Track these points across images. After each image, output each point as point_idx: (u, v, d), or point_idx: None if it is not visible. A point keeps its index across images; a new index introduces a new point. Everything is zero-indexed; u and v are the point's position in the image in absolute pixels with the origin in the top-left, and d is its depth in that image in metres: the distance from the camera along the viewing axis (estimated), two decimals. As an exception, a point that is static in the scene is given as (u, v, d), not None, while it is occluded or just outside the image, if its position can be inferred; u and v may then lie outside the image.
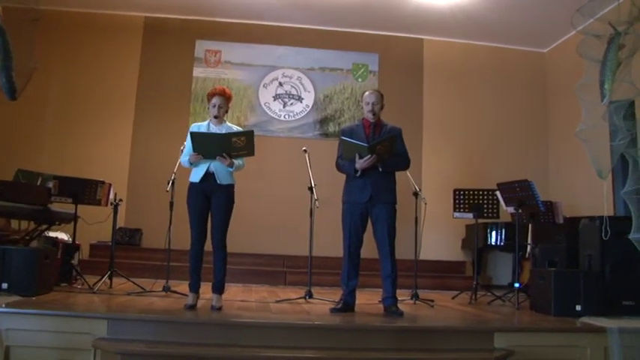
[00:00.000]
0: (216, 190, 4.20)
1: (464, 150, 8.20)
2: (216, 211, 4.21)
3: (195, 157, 4.16)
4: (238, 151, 4.15)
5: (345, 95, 8.17)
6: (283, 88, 8.13)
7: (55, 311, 3.54)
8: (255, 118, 7.98)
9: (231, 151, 4.12)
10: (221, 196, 4.21)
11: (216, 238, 4.20)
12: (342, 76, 8.21)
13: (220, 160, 4.14)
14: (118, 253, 5.76)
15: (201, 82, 7.97)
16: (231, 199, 4.27)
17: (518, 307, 4.87)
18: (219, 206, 4.20)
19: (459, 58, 8.40)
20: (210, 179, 4.20)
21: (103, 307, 4.02)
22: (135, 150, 7.76)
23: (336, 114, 8.12)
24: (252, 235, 7.35)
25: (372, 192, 4.26)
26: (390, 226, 4.27)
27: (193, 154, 4.16)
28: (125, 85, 7.86)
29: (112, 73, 7.86)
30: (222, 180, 4.21)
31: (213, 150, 4.12)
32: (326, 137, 7.99)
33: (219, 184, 4.20)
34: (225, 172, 4.23)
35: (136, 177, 7.63)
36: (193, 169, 4.28)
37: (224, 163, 4.16)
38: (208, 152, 4.14)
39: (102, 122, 7.75)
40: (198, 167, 4.23)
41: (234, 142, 4.08)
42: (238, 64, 8.08)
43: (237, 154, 4.17)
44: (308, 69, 8.18)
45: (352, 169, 4.27)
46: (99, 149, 7.63)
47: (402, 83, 8.21)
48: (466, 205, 5.69)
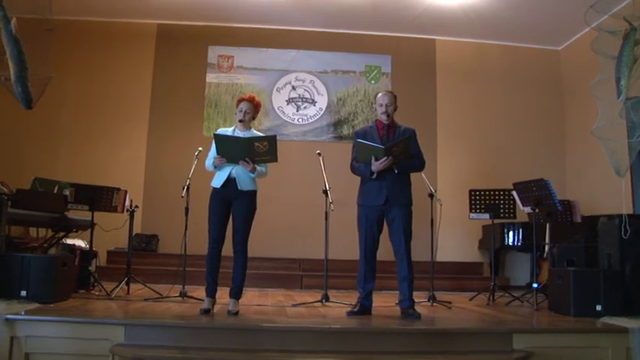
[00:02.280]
0: (237, 196, 4.21)
1: (479, 150, 8.14)
2: (238, 217, 4.22)
3: (219, 159, 4.18)
4: (261, 157, 4.16)
5: (359, 97, 8.15)
6: (296, 91, 8.13)
7: (73, 318, 3.56)
8: (269, 122, 7.99)
9: (253, 156, 4.13)
10: (242, 202, 4.21)
11: (238, 243, 4.21)
12: (355, 78, 8.20)
13: (243, 164, 4.15)
14: (135, 259, 5.78)
15: (215, 88, 8.01)
16: (252, 205, 4.27)
17: (537, 307, 4.82)
18: (240, 212, 4.21)
19: (471, 58, 8.35)
20: (231, 185, 4.21)
21: (120, 313, 4.03)
22: (150, 156, 7.80)
23: (349, 116, 8.11)
24: (267, 239, 7.29)
25: (387, 194, 4.24)
26: (406, 228, 4.24)
27: (217, 156, 4.18)
28: (139, 92, 7.91)
29: (126, 80, 7.92)
30: (243, 186, 4.22)
31: (235, 154, 4.14)
32: (340, 140, 7.98)
33: (241, 189, 4.20)
34: (247, 178, 4.24)
35: (151, 183, 7.67)
36: (217, 173, 4.29)
37: (247, 168, 4.17)
38: (231, 156, 4.15)
39: (116, 129, 7.80)
40: (221, 171, 4.25)
41: (256, 147, 4.09)
42: (251, 68, 8.11)
43: (260, 159, 4.18)
44: (321, 72, 8.17)
45: (368, 171, 4.25)
46: (114, 156, 7.70)
47: (415, 84, 8.17)
48: (482, 206, 5.64)
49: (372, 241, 4.32)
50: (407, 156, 4.24)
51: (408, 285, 4.21)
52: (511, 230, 6.87)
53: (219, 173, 4.27)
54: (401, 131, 4.41)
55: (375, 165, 4.17)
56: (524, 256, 7.47)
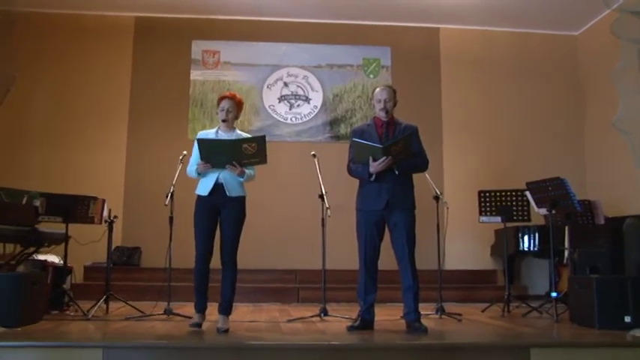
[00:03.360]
0: (226, 203, 4.18)
1: (489, 148, 8.11)
2: (227, 226, 4.19)
3: (203, 166, 4.15)
4: (249, 159, 4.14)
5: (356, 93, 8.12)
6: (289, 88, 8.10)
7: (44, 342, 3.48)
8: (260, 122, 7.96)
9: (241, 159, 4.11)
10: (231, 209, 4.19)
11: (226, 255, 4.17)
12: (352, 72, 8.16)
13: (230, 169, 4.13)
14: (115, 274, 5.76)
15: (200, 86, 7.98)
16: (242, 212, 4.25)
17: (557, 319, 4.78)
18: (229, 221, 4.18)
19: (479, 47, 8.33)
20: (219, 191, 4.19)
21: (98, 335, 3.97)
22: (130, 162, 7.77)
23: (347, 114, 8.07)
24: (259, 249, 7.27)
25: (388, 197, 4.20)
26: (410, 234, 4.20)
27: (201, 163, 4.15)
28: (117, 92, 7.89)
29: (102, 79, 7.89)
30: (232, 192, 4.19)
31: (222, 158, 4.11)
32: (337, 140, 7.94)
33: (230, 196, 4.18)
34: (235, 183, 4.22)
35: (132, 191, 7.63)
36: (201, 180, 4.27)
37: (234, 173, 4.15)
38: (217, 161, 4.13)
39: (93, 133, 7.76)
40: (206, 178, 4.22)
41: (244, 149, 4.07)
42: (239, 64, 8.07)
43: (249, 162, 4.16)
44: (315, 67, 8.14)
45: (366, 172, 4.21)
46: (90, 162, 7.65)
47: (418, 78, 8.15)
48: (493, 208, 5.62)
49: (372, 249, 4.27)
50: (408, 155, 4.19)
51: (413, 296, 4.16)
52: (526, 234, 6.86)
53: (204, 180, 4.24)
54: (401, 129, 4.36)
55: (374, 166, 4.13)
56: (542, 262, 7.43)
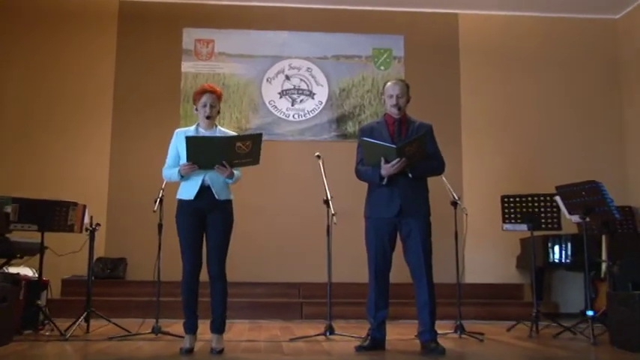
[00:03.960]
0: (213, 208, 4.20)
1: (513, 147, 8.11)
2: (214, 233, 4.20)
3: (189, 167, 4.13)
4: (241, 159, 4.14)
5: (365, 88, 8.16)
6: (291, 82, 8.16)
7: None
8: (259, 119, 8.01)
9: (232, 159, 4.11)
10: (219, 214, 4.21)
11: (214, 265, 4.19)
12: (361, 64, 8.21)
13: (219, 170, 4.13)
14: (97, 289, 5.76)
15: (192, 79, 8.01)
16: (230, 217, 4.28)
17: (595, 341, 4.73)
18: (217, 227, 4.19)
19: (503, 35, 8.34)
20: (206, 195, 4.19)
21: (77, 358, 4.00)
22: (114, 163, 7.80)
23: (355, 110, 8.11)
24: (257, 259, 7.35)
25: (401, 203, 4.23)
26: (425, 244, 4.23)
27: (187, 164, 4.13)
28: (99, 86, 7.93)
29: (83, 71, 7.93)
30: (220, 194, 4.21)
31: (212, 158, 4.10)
32: (344, 139, 7.97)
33: (218, 199, 4.20)
34: (222, 185, 4.24)
35: (116, 196, 7.67)
36: (182, 184, 4.27)
37: (223, 174, 4.15)
38: (207, 161, 4.12)
39: (73, 132, 7.81)
40: (189, 180, 4.22)
41: (237, 149, 4.08)
42: (235, 55, 8.13)
43: (240, 162, 4.17)
44: (319, 58, 8.19)
45: (376, 176, 4.24)
46: (70, 164, 7.70)
47: (434, 70, 8.18)
48: (518, 215, 5.60)
49: (383, 260, 4.30)
50: (423, 156, 4.23)
51: (429, 313, 4.18)
52: (557, 244, 6.82)
53: (187, 183, 4.24)
54: (415, 127, 4.40)
55: (385, 168, 4.16)
56: (576, 276, 7.41)
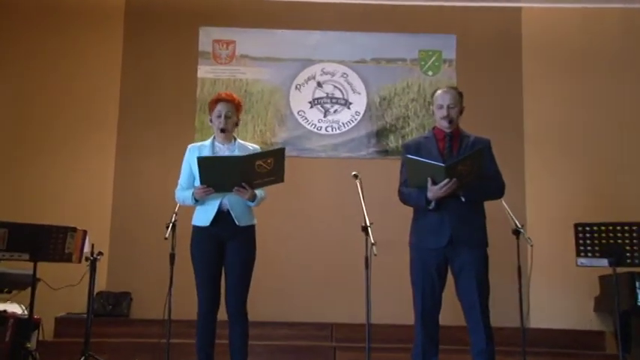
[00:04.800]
0: (233, 236, 4.27)
1: (590, 165, 7.93)
2: (234, 264, 4.27)
3: (203, 191, 4.19)
4: (263, 179, 4.19)
5: (410, 96, 8.13)
6: (323, 89, 8.18)
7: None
8: (286, 132, 8.03)
9: (253, 179, 4.16)
10: (240, 242, 4.29)
11: (234, 302, 4.25)
12: (405, 69, 8.18)
13: (239, 192, 4.17)
14: (97, 328, 5.77)
15: (210, 86, 8.06)
16: (253, 245, 4.35)
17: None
18: (238, 258, 4.27)
19: (577, 33, 8.19)
20: (224, 220, 4.27)
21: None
22: (119, 182, 7.82)
23: (398, 123, 8.09)
24: (283, 296, 7.33)
25: (452, 232, 4.24)
26: (481, 280, 4.23)
27: (201, 187, 4.19)
28: (103, 95, 7.96)
29: (85, 77, 7.98)
30: (241, 220, 4.28)
31: (230, 180, 4.15)
32: (385, 156, 7.95)
33: (239, 226, 4.25)
34: (244, 209, 4.32)
35: (121, 220, 7.68)
36: (198, 208, 4.35)
37: (243, 197, 4.20)
38: (223, 184, 4.18)
39: (72, 146, 7.85)
40: (205, 204, 4.30)
41: (257, 167, 4.11)
42: (260, 58, 8.16)
43: (262, 182, 4.22)
44: (357, 61, 8.19)
45: (423, 199, 4.25)
46: (69, 183, 7.74)
47: (492, 75, 8.09)
48: (596, 248, 5.46)
49: (431, 299, 4.30)
50: (478, 177, 4.22)
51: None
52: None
53: (203, 207, 4.31)
54: (469, 142, 4.42)
55: (434, 190, 4.15)
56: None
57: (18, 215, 5.66)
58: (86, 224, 5.76)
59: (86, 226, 5.68)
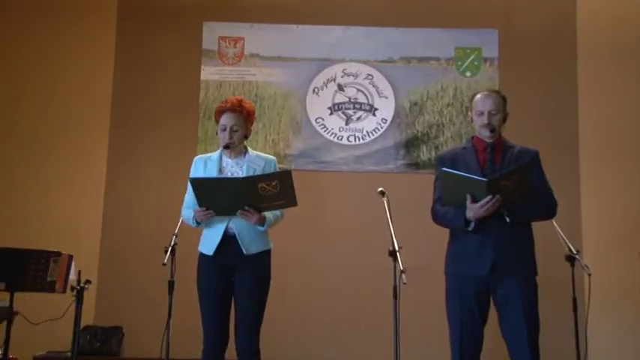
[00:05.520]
0: (242, 264, 4.30)
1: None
2: (244, 295, 4.31)
3: (203, 214, 4.23)
4: (270, 203, 4.23)
5: (445, 100, 8.10)
6: (345, 93, 8.18)
7: None
8: (302, 142, 8.01)
9: (258, 202, 4.19)
10: (250, 272, 4.32)
11: (244, 339, 4.27)
12: (440, 69, 8.17)
13: (244, 216, 4.22)
14: (84, 368, 5.79)
15: (215, 89, 8.10)
16: (265, 275, 4.39)
17: None
18: (247, 287, 4.31)
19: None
20: (230, 247, 4.31)
21: None
22: (110, 200, 7.82)
23: (431, 131, 8.05)
24: (299, 331, 7.33)
25: (495, 257, 4.21)
26: (530, 314, 4.19)
27: (199, 209, 4.23)
28: (93, 102, 7.98)
29: (72, 79, 8.02)
30: (249, 247, 4.31)
31: (229, 203, 4.19)
32: (416, 169, 7.91)
33: (247, 254, 4.29)
34: (254, 234, 4.34)
35: (112, 243, 7.67)
36: (204, 232, 4.40)
37: (250, 221, 4.24)
38: (222, 207, 4.22)
39: (57, 159, 7.86)
40: (211, 228, 4.35)
41: (261, 190, 4.14)
42: (272, 58, 8.19)
43: (269, 205, 4.25)
44: (383, 61, 8.20)
45: (460, 219, 4.24)
46: (52, 200, 7.76)
47: (541, 75, 8.05)
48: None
49: (471, 335, 4.27)
50: (525, 194, 4.19)
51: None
52: None
53: (208, 231, 4.36)
54: (514, 154, 4.41)
55: (473, 209, 4.14)
56: None
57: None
58: (72, 248, 5.75)
59: (72, 250, 5.68)
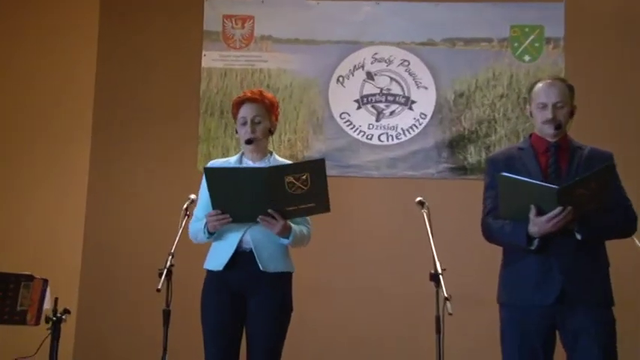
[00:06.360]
0: (257, 286, 4.30)
1: None
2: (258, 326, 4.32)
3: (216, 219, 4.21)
4: (298, 204, 4.19)
5: (499, 91, 8.04)
6: (376, 83, 8.15)
7: None
8: (324, 142, 8.02)
9: (284, 203, 4.15)
10: (267, 296, 4.32)
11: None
12: (492, 53, 8.10)
13: (265, 223, 4.17)
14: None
15: (218, 78, 8.11)
16: (285, 301, 4.41)
17: None
18: (263, 317, 4.32)
19: None
20: (244, 263, 4.30)
21: None
22: (93, 216, 7.85)
23: (480, 128, 7.99)
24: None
25: (563, 284, 4.16)
26: (606, 353, 4.12)
27: (214, 212, 4.20)
28: (72, 97, 8.01)
29: (49, 71, 8.04)
30: (267, 263, 4.30)
31: (251, 203, 4.15)
32: (463, 175, 7.84)
33: (265, 271, 4.28)
34: (273, 249, 4.35)
35: (95, 265, 7.68)
36: (213, 246, 4.43)
37: (273, 230, 4.20)
38: (242, 209, 4.19)
39: (30, 163, 7.91)
40: (221, 240, 4.36)
41: (288, 185, 4.09)
42: (287, 40, 8.19)
43: (297, 209, 4.22)
44: (422, 43, 8.15)
45: (521, 235, 4.18)
46: (24, 215, 7.81)
47: (617, 60, 7.95)
48: None
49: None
50: (600, 205, 4.13)
51: None
52: None
53: (219, 244, 4.36)
54: (583, 156, 4.38)
55: (540, 224, 4.07)
56: None
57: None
58: (47, 271, 5.78)
59: (47, 273, 5.69)
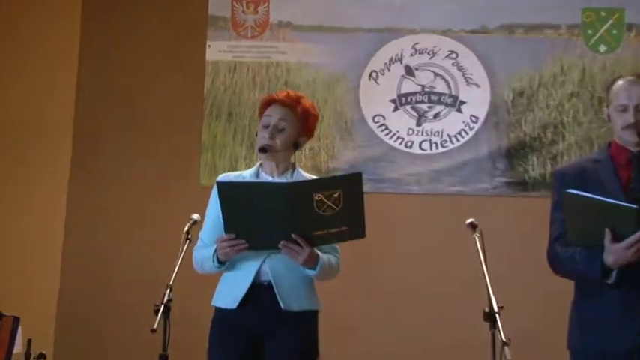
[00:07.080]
0: (277, 325, 4.30)
1: None
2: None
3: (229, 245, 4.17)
4: (328, 229, 4.14)
5: (567, 88, 7.93)
6: (416, 79, 8.09)
7: None
8: (354, 150, 7.98)
9: (312, 227, 4.11)
10: (288, 337, 4.33)
11: None
12: (559, 42, 8.02)
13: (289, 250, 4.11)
14: None
15: (226, 73, 8.11)
16: (311, 343, 4.47)
17: None
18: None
19: None
20: (262, 299, 4.34)
21: None
22: (72, 243, 7.89)
23: (545, 135, 7.89)
24: None
25: (648, 326, 4.06)
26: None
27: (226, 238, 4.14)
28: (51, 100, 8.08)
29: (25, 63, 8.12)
30: (289, 300, 4.33)
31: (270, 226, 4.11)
32: (523, 191, 7.74)
33: (286, 310, 4.31)
34: (296, 283, 4.37)
35: (75, 300, 7.72)
36: (223, 278, 4.50)
37: (297, 259, 4.16)
38: (261, 233, 4.15)
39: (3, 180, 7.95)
40: (234, 271, 4.39)
41: (317, 205, 4.02)
42: (309, 28, 8.18)
43: (327, 234, 4.16)
44: (473, 31, 8.10)
45: (596, 266, 4.02)
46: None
47: None
48: None
49: None
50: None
51: None
52: None
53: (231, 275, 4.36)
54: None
55: (618, 252, 3.90)
56: None
57: None
58: (19, 308, 5.89)
59: (19, 310, 5.80)
